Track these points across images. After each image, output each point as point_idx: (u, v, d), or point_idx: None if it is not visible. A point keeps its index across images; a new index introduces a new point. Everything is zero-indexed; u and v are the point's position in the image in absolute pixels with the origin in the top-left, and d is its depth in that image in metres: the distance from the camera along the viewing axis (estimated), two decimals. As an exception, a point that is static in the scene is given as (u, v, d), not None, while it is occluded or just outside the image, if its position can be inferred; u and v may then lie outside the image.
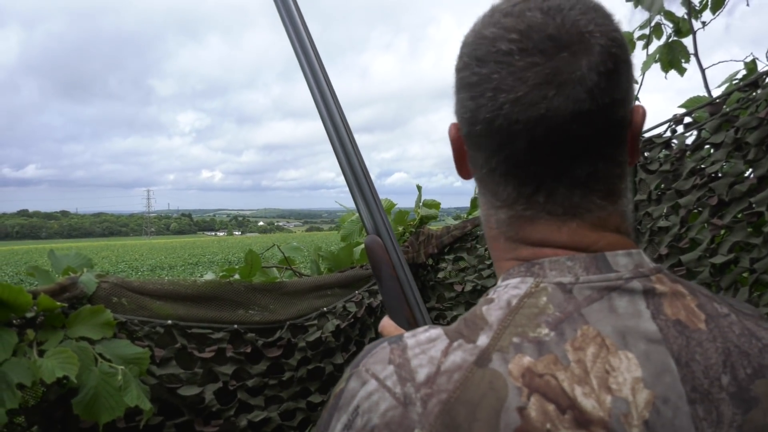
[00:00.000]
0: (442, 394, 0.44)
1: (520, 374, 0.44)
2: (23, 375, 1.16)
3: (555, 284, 0.49)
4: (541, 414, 0.42)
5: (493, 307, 0.49)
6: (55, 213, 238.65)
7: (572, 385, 0.44)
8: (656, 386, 0.45)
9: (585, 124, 0.48)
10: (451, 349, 0.47)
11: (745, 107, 1.57)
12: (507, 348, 0.45)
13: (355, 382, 0.48)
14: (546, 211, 0.52)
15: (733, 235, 1.58)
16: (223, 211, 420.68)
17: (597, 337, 0.46)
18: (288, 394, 1.74)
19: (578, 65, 0.48)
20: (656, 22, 2.11)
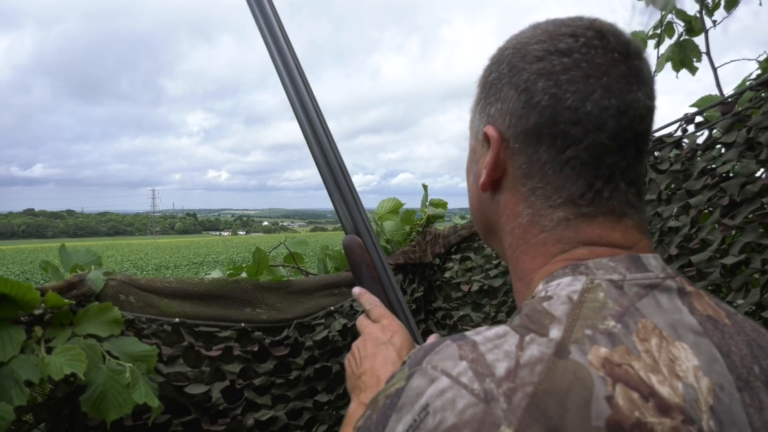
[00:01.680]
0: (527, 387, 0.43)
1: (601, 364, 0.44)
2: (31, 372, 1.15)
3: (607, 281, 0.51)
4: (628, 402, 0.42)
5: (556, 303, 0.49)
6: (61, 212, 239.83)
7: (648, 374, 0.44)
8: (712, 374, 0.46)
9: (650, 122, 0.55)
10: (526, 343, 0.46)
11: (758, 106, 1.55)
12: (582, 339, 0.45)
13: (421, 380, 0.46)
14: (607, 208, 0.54)
15: (744, 236, 1.57)
16: (227, 211, 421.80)
17: (655, 329, 0.47)
18: (295, 393, 1.74)
19: (648, 70, 0.54)
20: (668, 21, 2.09)
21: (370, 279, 0.81)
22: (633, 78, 0.53)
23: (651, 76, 0.54)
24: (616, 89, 0.51)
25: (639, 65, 0.53)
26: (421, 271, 2.37)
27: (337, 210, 0.83)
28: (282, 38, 0.86)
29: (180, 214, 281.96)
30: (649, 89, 0.53)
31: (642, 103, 0.53)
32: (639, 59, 0.54)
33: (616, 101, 0.51)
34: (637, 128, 0.53)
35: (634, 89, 0.52)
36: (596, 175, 0.53)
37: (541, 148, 0.54)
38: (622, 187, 0.54)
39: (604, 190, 0.53)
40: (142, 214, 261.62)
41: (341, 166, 0.83)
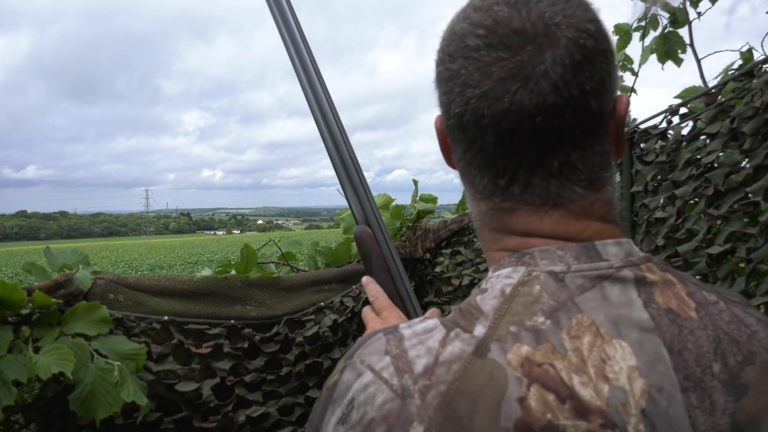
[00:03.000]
0: (441, 385, 0.43)
1: (519, 364, 0.43)
2: (19, 372, 1.15)
3: (547, 273, 0.49)
4: (541, 404, 0.42)
5: (488, 297, 0.49)
6: (54, 214, 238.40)
7: (570, 374, 0.43)
8: (650, 375, 0.45)
9: (552, 117, 0.48)
10: (449, 340, 0.46)
11: (741, 97, 1.56)
12: (505, 337, 0.45)
13: (350, 374, 0.47)
14: (524, 202, 0.52)
15: (729, 225, 1.58)
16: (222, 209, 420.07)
17: (592, 326, 0.46)
18: (286, 390, 1.74)
19: (542, 58, 0.47)
20: (652, 14, 2.10)
21: (379, 268, 0.82)
22: (519, 75, 0.47)
23: (557, 61, 0.47)
24: (492, 96, 0.48)
25: (533, 52, 0.47)
26: (412, 266, 2.37)
27: (349, 201, 0.84)
28: (295, 27, 0.87)
29: (174, 214, 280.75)
30: (543, 81, 0.47)
31: (530, 100, 0.47)
32: (535, 44, 0.47)
33: (491, 110, 0.48)
34: (531, 127, 0.48)
35: (515, 89, 0.47)
36: (496, 174, 0.52)
37: (456, 146, 0.55)
38: (537, 182, 0.51)
39: (513, 188, 0.51)
40: (135, 215, 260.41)
41: (353, 158, 0.84)
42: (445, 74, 0.52)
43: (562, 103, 0.48)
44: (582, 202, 0.52)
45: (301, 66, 0.86)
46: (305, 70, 0.86)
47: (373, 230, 0.83)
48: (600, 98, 0.50)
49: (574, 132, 0.50)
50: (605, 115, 0.51)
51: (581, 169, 0.51)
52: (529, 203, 0.52)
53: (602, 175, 0.53)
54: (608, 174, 0.54)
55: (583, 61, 0.48)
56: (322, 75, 0.88)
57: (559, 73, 0.47)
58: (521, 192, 0.52)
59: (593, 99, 0.49)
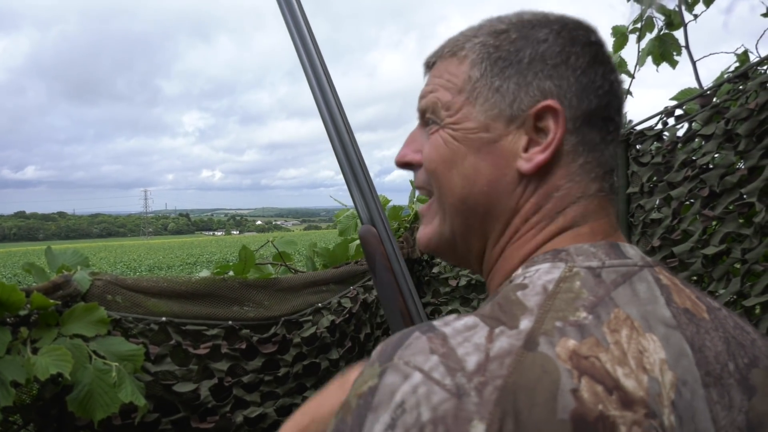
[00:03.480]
0: (497, 380, 0.42)
1: (568, 357, 0.44)
2: (17, 373, 1.16)
3: (585, 268, 0.50)
4: (592, 395, 0.42)
5: (530, 293, 0.49)
6: (53, 214, 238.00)
7: (614, 366, 0.44)
8: (677, 368, 0.46)
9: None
10: (495, 335, 0.45)
11: (736, 98, 1.57)
12: (551, 331, 0.45)
13: (394, 377, 0.44)
14: (613, 186, 0.58)
15: (724, 226, 1.59)
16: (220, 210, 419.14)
17: (627, 320, 0.47)
18: (284, 390, 1.75)
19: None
20: (647, 16, 2.11)
21: (383, 268, 0.82)
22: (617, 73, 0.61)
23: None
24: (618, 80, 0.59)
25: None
26: (410, 267, 2.38)
27: (354, 200, 0.83)
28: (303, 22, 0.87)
29: (173, 215, 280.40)
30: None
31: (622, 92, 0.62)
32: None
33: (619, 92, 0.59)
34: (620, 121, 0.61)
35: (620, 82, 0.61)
36: (606, 164, 0.58)
37: (594, 130, 0.56)
38: (612, 176, 0.59)
39: (609, 178, 0.58)
40: (134, 215, 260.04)
41: (359, 156, 0.83)
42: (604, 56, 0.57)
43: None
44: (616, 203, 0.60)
45: (309, 62, 0.86)
46: (313, 67, 0.85)
47: (378, 230, 0.83)
48: None
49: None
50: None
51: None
52: (612, 191, 0.58)
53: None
54: None
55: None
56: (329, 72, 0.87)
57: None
58: (610, 186, 0.58)
59: None
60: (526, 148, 0.55)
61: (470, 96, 0.57)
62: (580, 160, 0.55)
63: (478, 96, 0.57)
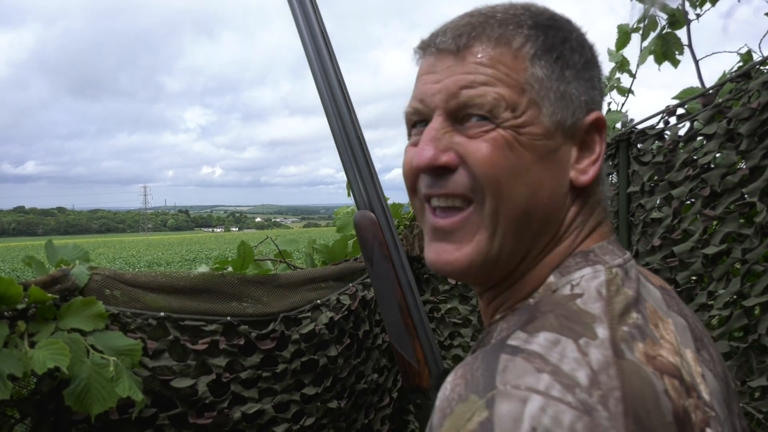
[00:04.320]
0: (615, 392, 0.40)
1: (646, 360, 0.44)
2: (14, 366, 1.15)
3: (618, 267, 0.52)
4: (674, 392, 0.43)
5: (589, 300, 0.48)
6: (52, 209, 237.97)
7: (672, 358, 0.46)
8: (687, 344, 0.50)
9: None
10: (583, 347, 0.43)
11: (738, 98, 1.57)
12: (625, 337, 0.45)
13: (510, 405, 0.39)
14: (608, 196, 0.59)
15: (725, 226, 1.58)
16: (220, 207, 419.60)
17: (655, 313, 0.50)
18: (282, 387, 1.74)
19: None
20: (650, 14, 2.10)
21: (381, 257, 0.77)
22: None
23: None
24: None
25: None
26: (409, 264, 2.38)
27: (351, 183, 0.77)
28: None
29: (172, 211, 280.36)
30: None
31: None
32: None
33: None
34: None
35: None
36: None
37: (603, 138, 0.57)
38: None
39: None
40: (134, 211, 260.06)
41: (360, 136, 0.77)
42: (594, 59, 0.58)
43: None
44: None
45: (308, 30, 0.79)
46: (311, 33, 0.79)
47: (377, 216, 0.78)
48: None
49: None
50: None
51: None
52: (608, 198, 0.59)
53: None
54: None
55: None
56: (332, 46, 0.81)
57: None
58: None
59: None
60: (577, 159, 0.53)
61: (537, 97, 0.51)
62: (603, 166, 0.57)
63: (544, 99, 0.51)
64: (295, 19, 0.80)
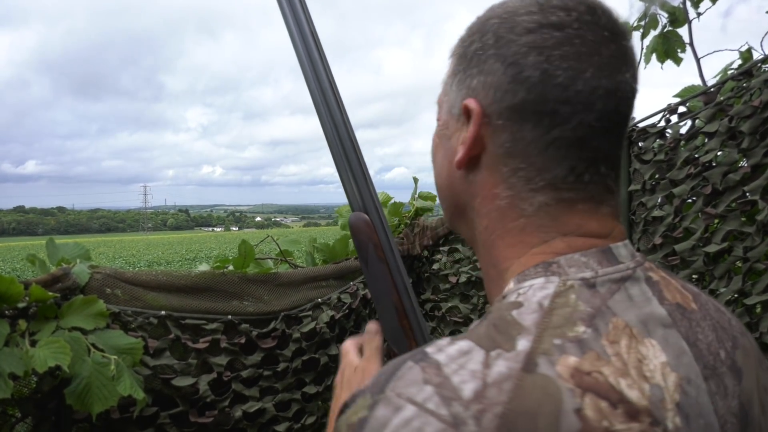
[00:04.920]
0: (496, 407, 0.41)
1: (570, 375, 0.43)
2: (15, 365, 1.15)
3: (579, 280, 0.49)
4: (596, 412, 0.41)
5: (525, 311, 0.47)
6: (52, 209, 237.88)
7: (617, 379, 0.43)
8: (679, 368, 0.46)
9: (633, 106, 0.53)
10: (491, 359, 0.44)
11: (739, 96, 1.56)
12: (550, 350, 0.44)
13: (384, 410, 0.42)
14: (586, 194, 0.52)
15: (726, 224, 1.58)
16: (220, 206, 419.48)
17: (626, 328, 0.46)
18: (283, 385, 1.74)
19: (633, 52, 0.53)
20: (651, 13, 2.10)
21: (377, 259, 0.77)
22: (622, 58, 0.51)
23: (635, 59, 0.53)
24: (606, 69, 0.50)
25: (627, 45, 0.52)
26: (410, 263, 2.37)
27: (345, 185, 0.78)
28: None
29: (172, 210, 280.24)
30: (635, 71, 0.52)
31: (629, 85, 0.51)
32: (627, 39, 0.52)
33: (607, 81, 0.49)
34: (622, 110, 0.51)
35: (623, 70, 0.51)
36: (580, 157, 0.51)
37: (526, 126, 0.51)
38: (603, 171, 0.52)
39: (586, 174, 0.51)
40: (133, 211, 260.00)
41: (352, 137, 0.78)
42: (547, 42, 0.50)
43: (636, 96, 0.53)
44: (617, 200, 0.54)
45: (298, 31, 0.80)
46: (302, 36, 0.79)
47: (371, 218, 0.79)
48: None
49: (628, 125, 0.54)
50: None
51: (619, 163, 0.54)
52: (591, 196, 0.52)
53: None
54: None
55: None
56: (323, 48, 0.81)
57: (636, 68, 0.52)
58: (590, 180, 0.52)
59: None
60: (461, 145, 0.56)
61: (443, 94, 0.61)
62: (512, 163, 0.52)
63: (446, 94, 0.60)
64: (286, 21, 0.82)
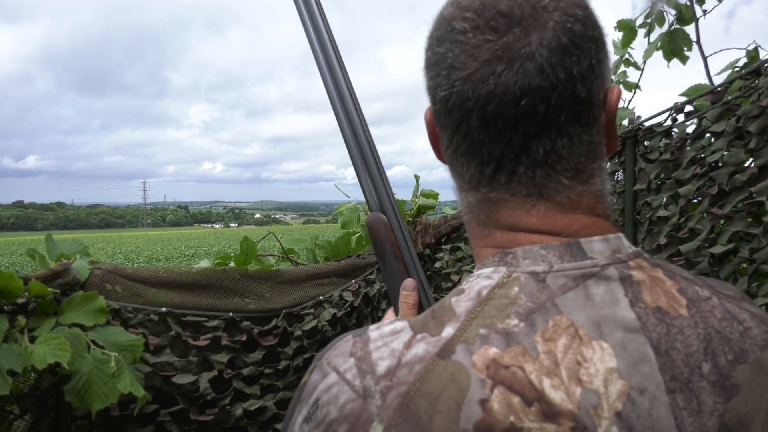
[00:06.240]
0: (401, 386, 0.44)
1: (485, 366, 0.43)
2: (14, 361, 1.14)
3: (528, 273, 0.48)
4: (504, 406, 0.42)
5: (463, 299, 0.49)
6: (51, 204, 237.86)
7: (540, 377, 0.43)
8: (632, 376, 0.44)
9: (537, 100, 0.47)
10: (414, 341, 0.46)
11: (747, 96, 1.55)
12: (473, 339, 0.45)
13: (317, 375, 0.48)
14: (510, 193, 0.51)
15: (732, 225, 1.57)
16: (219, 203, 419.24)
17: (570, 328, 0.45)
18: (284, 383, 1.73)
19: (528, 41, 0.47)
20: (658, 10, 2.08)
21: (393, 258, 0.80)
22: (504, 57, 0.47)
23: (544, 44, 0.47)
24: (477, 78, 0.47)
25: (519, 35, 0.47)
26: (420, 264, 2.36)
27: (363, 187, 0.81)
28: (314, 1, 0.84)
29: (172, 206, 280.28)
30: (529, 63, 0.46)
31: (515, 82, 0.47)
32: (521, 26, 0.47)
33: (476, 92, 0.48)
34: (516, 110, 0.47)
35: (504, 71, 0.47)
36: (482, 161, 0.51)
37: (442, 134, 0.54)
38: (523, 171, 0.49)
39: (499, 176, 0.50)
40: (133, 207, 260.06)
41: (369, 141, 0.81)
42: (432, 59, 0.52)
43: (547, 87, 0.47)
44: (568, 194, 0.51)
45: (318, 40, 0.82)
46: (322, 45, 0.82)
47: (389, 218, 0.81)
48: (588, 84, 0.48)
49: (561, 117, 0.48)
50: (594, 103, 0.50)
51: (567, 158, 0.50)
52: (516, 193, 0.51)
53: (590, 165, 0.51)
54: (597, 165, 0.52)
55: (570, 44, 0.47)
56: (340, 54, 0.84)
57: (545, 55, 0.46)
58: (507, 181, 0.51)
59: (581, 84, 0.48)
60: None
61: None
62: (452, 163, 0.55)
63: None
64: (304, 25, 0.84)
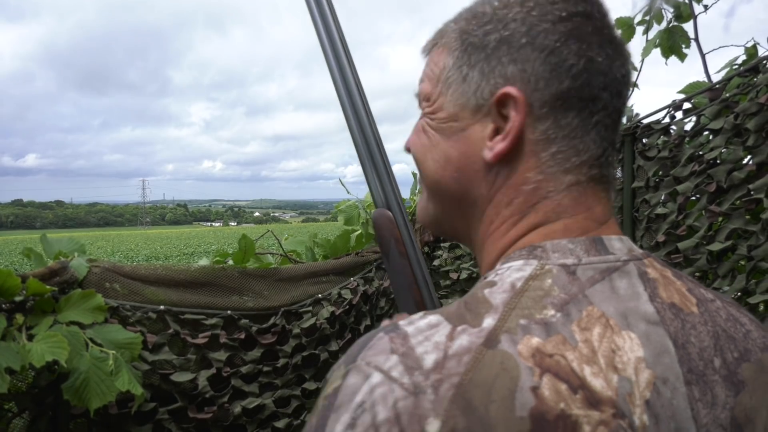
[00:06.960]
0: (453, 377, 0.42)
1: (530, 354, 0.43)
2: (12, 359, 1.14)
3: (559, 266, 0.49)
4: (554, 393, 0.42)
5: (497, 290, 0.49)
6: (50, 203, 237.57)
7: (581, 365, 0.44)
8: (656, 366, 0.46)
9: (625, 93, 0.55)
10: (456, 333, 0.45)
11: (746, 93, 1.55)
12: (515, 329, 0.45)
13: (356, 378, 0.45)
14: (604, 175, 0.54)
15: (731, 222, 1.57)
16: (218, 201, 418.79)
17: (602, 318, 0.46)
18: (282, 381, 1.73)
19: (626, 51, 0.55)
20: (657, 7, 2.08)
21: (398, 254, 0.80)
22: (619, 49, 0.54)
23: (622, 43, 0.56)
24: (623, 57, 0.53)
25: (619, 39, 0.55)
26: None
27: (369, 183, 0.82)
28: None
29: (171, 205, 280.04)
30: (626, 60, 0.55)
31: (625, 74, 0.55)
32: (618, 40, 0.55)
33: (624, 69, 0.53)
34: (619, 100, 0.54)
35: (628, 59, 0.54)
36: (612, 140, 0.54)
37: (570, 113, 0.52)
38: (611, 159, 0.54)
39: (610, 156, 0.54)
40: (132, 205, 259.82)
41: (376, 137, 0.81)
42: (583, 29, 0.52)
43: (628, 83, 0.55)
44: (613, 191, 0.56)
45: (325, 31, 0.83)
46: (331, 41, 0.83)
47: (394, 214, 0.82)
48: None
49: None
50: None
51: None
52: (606, 179, 0.54)
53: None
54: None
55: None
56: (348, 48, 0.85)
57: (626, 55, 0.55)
58: (609, 163, 0.54)
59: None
60: (491, 136, 0.55)
61: (444, 86, 0.58)
62: (552, 149, 0.53)
63: (450, 85, 0.58)
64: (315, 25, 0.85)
